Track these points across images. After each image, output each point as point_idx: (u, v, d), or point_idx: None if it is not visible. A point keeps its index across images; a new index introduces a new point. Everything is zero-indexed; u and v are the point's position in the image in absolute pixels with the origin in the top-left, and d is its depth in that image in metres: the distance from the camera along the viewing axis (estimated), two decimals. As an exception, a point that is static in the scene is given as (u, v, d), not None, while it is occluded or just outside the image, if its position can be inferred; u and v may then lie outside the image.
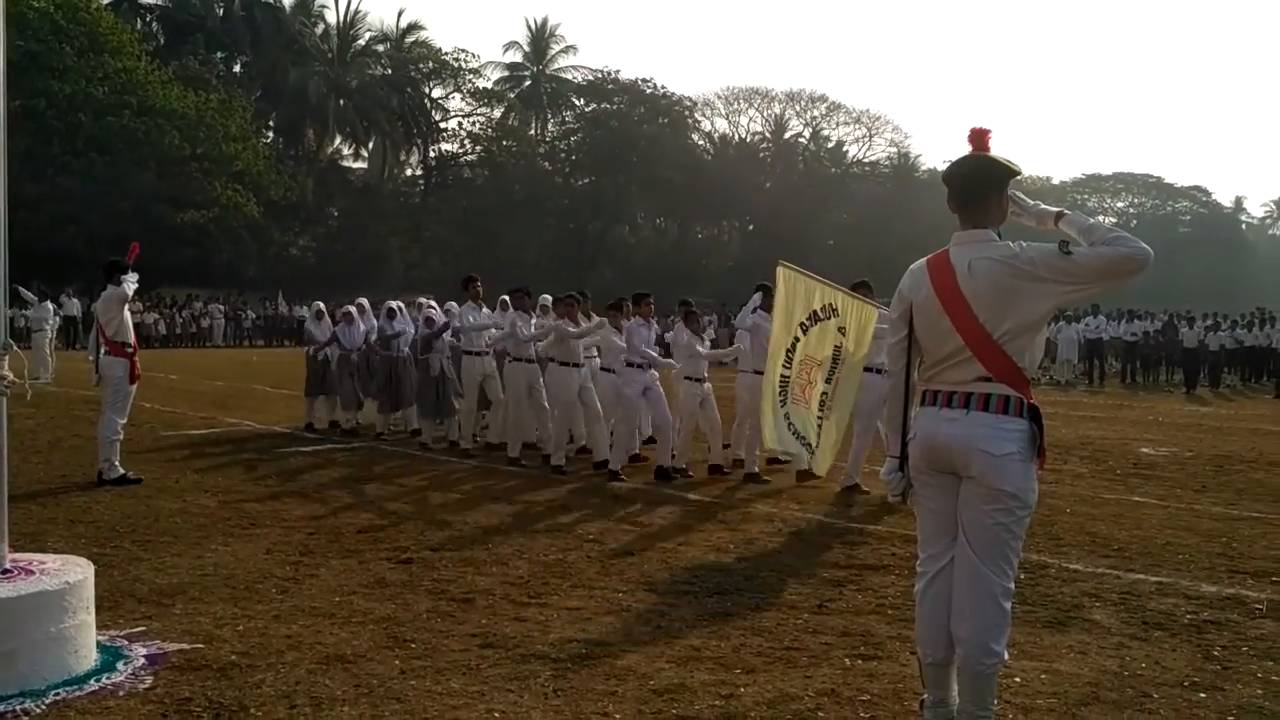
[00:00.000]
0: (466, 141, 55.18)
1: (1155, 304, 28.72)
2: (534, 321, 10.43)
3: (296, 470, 9.42)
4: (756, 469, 9.28)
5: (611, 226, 58.56)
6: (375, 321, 12.27)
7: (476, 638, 4.65)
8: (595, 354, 10.60)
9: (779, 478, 9.29)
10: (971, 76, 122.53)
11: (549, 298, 11.50)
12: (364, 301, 12.94)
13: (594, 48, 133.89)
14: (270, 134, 49.98)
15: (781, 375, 7.82)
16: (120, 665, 4.21)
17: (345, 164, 55.52)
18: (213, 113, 38.53)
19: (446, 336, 11.11)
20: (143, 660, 4.28)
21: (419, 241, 52.37)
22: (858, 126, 62.77)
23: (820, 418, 8.01)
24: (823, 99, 61.76)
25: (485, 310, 11.02)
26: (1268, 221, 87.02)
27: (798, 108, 62.34)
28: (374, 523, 7.16)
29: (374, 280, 46.84)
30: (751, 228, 61.39)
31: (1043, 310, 3.30)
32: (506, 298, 10.85)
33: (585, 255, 54.10)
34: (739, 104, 62.49)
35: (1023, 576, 5.17)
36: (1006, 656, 3.34)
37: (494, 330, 10.74)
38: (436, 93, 56.08)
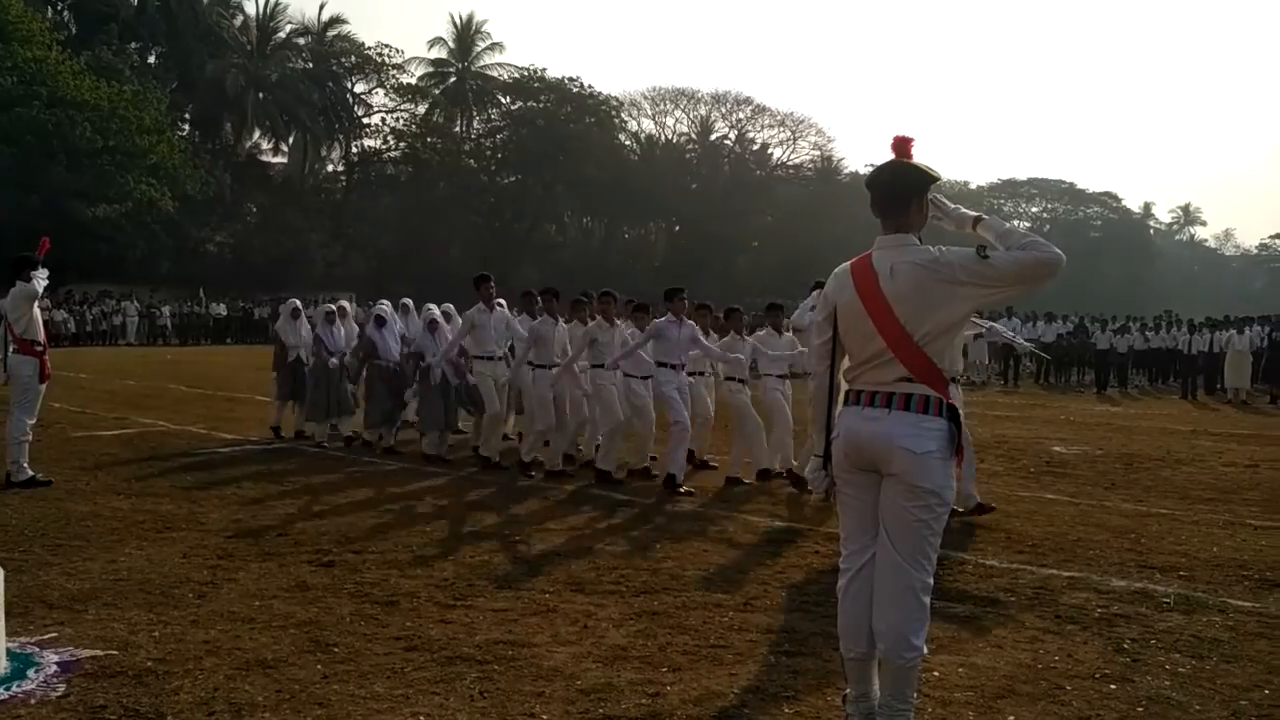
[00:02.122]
0: (390, 138, 54.49)
1: (1068, 307, 29.57)
2: (561, 325, 9.73)
3: (214, 472, 9.21)
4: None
5: (538, 226, 58.38)
6: (355, 326, 11.74)
7: (401, 640, 4.61)
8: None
9: (706, 478, 9.36)
10: (893, 83, 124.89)
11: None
12: (345, 304, 12.21)
13: (520, 46, 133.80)
14: (186, 127, 48.63)
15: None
16: (31, 673, 4.08)
17: (264, 159, 54.28)
18: (126, 104, 37.33)
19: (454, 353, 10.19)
20: (55, 667, 4.16)
21: (341, 238, 51.51)
22: (782, 129, 63.62)
23: None
24: (748, 101, 62.50)
25: (497, 313, 10.14)
26: (1174, 227, 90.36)
27: (723, 110, 62.94)
28: (294, 525, 7.04)
29: (294, 278, 46.03)
30: (678, 228, 61.77)
31: (962, 312, 3.39)
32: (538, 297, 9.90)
33: (511, 254, 53.76)
34: (665, 105, 62.87)
35: (941, 573, 5.28)
36: (926, 650, 3.42)
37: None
38: (359, 88, 55.32)
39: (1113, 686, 4.20)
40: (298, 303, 12.28)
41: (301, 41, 53.86)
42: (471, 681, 4.12)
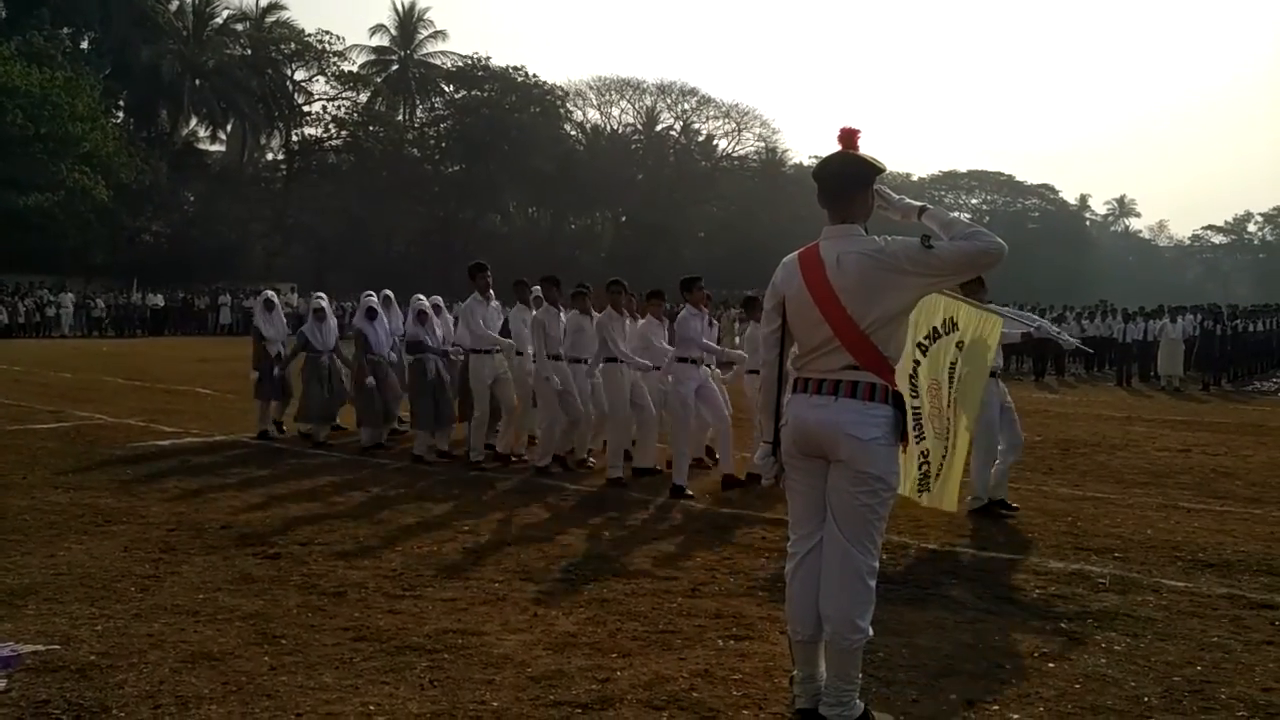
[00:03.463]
0: (331, 126, 53.81)
1: (1007, 296, 30.06)
2: (563, 316, 9.25)
3: (154, 465, 9.06)
4: None
5: (483, 215, 58.06)
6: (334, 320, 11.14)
7: (349, 631, 4.59)
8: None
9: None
10: (837, 77, 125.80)
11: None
12: (324, 297, 11.45)
13: (464, 34, 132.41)
14: (120, 114, 47.50)
15: (913, 409, 6.40)
16: (-30, 670, 4.00)
17: (202, 147, 53.31)
18: (58, 91, 36.38)
19: (450, 347, 9.91)
20: (-6, 663, 4.08)
21: (281, 229, 50.82)
22: (727, 121, 63.92)
23: (946, 447, 6.70)
24: (693, 92, 62.70)
25: (494, 304, 9.63)
26: (1109, 219, 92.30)
27: (669, 100, 63.07)
28: (238, 518, 6.95)
29: (233, 268, 45.31)
30: (624, 219, 61.82)
31: (906, 301, 3.46)
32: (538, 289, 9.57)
33: (456, 244, 53.46)
34: (611, 95, 62.87)
35: (885, 557, 5.38)
36: (871, 632, 3.49)
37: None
38: (299, 75, 54.49)
39: (1051, 665, 4.32)
40: (271, 294, 11.72)
41: (239, 27, 52.95)
42: (421, 670, 4.12)
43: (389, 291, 11.23)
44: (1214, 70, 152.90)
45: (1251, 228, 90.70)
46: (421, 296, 10.14)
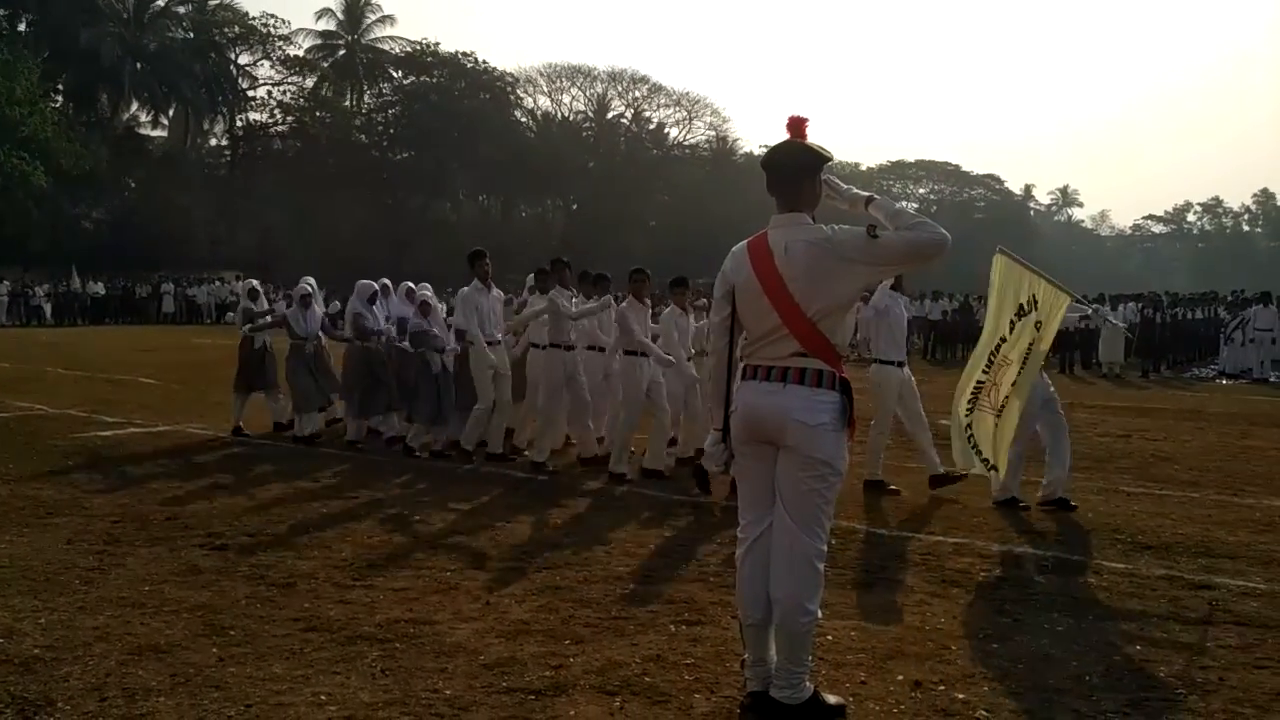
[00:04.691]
0: (277, 111, 53.04)
1: (954, 285, 30.43)
2: (575, 302, 8.93)
3: (96, 456, 8.90)
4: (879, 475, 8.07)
5: (432, 203, 57.55)
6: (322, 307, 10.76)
7: (299, 622, 4.55)
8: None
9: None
10: (787, 66, 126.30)
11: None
12: (311, 281, 10.73)
13: (412, 19, 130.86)
14: (59, 98, 46.31)
15: (978, 381, 6.58)
16: (-94, 666, 3.91)
17: (143, 132, 52.22)
18: (-6, 74, 35.49)
19: (451, 341, 9.44)
20: (-67, 659, 4.00)
21: (226, 215, 49.92)
22: (678, 109, 63.92)
23: (996, 422, 6.63)
24: (644, 80, 62.60)
25: (495, 292, 9.33)
26: (1053, 209, 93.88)
27: (620, 88, 62.90)
28: (184, 509, 6.86)
29: (177, 256, 44.47)
30: (575, 207, 61.62)
31: (853, 289, 3.51)
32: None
33: (405, 231, 52.95)
34: (562, 82, 62.55)
35: (834, 542, 5.45)
36: (820, 615, 3.54)
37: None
38: (244, 59, 53.65)
39: (995, 645, 4.41)
40: (255, 283, 11.28)
41: (182, 10, 51.85)
42: (373, 660, 4.10)
43: (386, 280, 10.76)
44: (1154, 68, 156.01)
45: (1191, 218, 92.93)
46: (427, 286, 9.82)
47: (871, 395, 8.12)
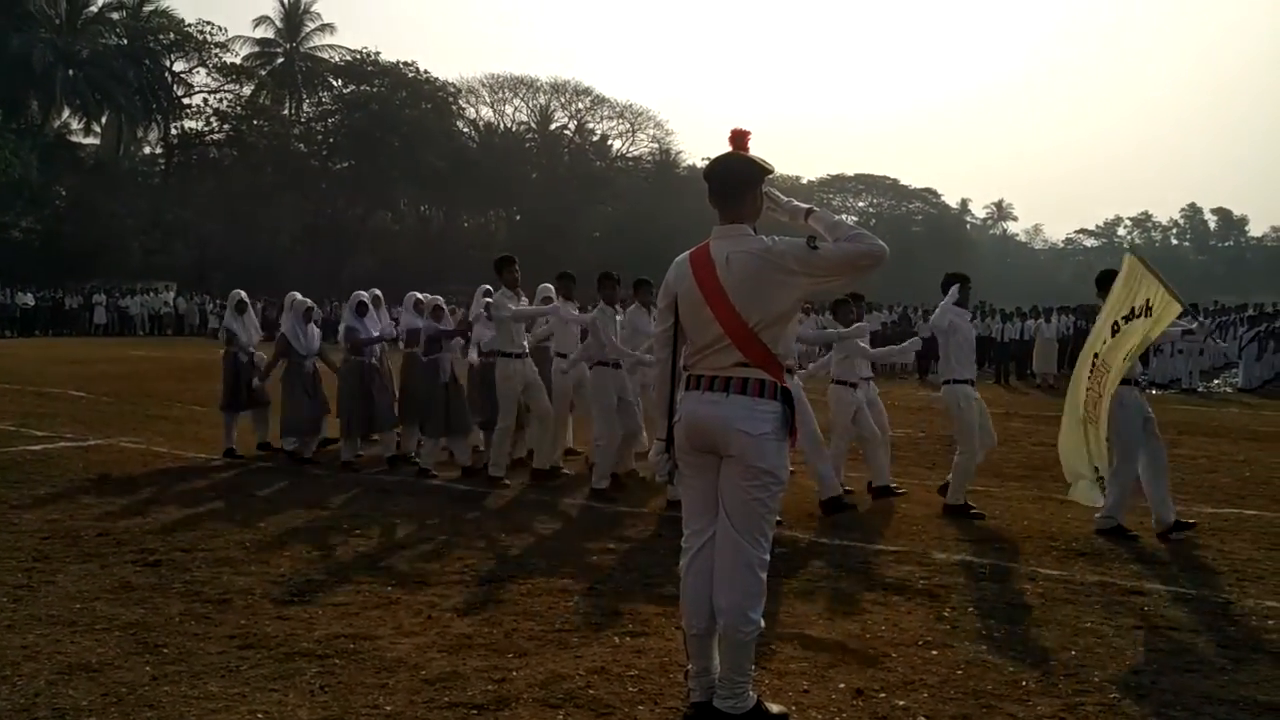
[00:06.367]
0: (213, 119, 52.09)
1: (892, 297, 30.92)
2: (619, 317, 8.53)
3: (25, 471, 8.66)
4: (963, 500, 7.57)
5: (373, 212, 57.02)
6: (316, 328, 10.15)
7: (235, 639, 4.47)
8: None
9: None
10: (730, 79, 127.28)
11: (549, 286, 9.61)
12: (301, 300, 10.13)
13: (352, 28, 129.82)
14: (-13, 105, 45.21)
15: (1087, 389, 6.29)
16: None
17: (75, 139, 50.99)
18: (-82, 79, 34.45)
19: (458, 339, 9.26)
20: None
21: (160, 225, 48.85)
22: (621, 121, 64.09)
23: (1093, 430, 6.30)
24: (587, 92, 62.69)
25: (524, 300, 8.88)
26: (989, 222, 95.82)
27: (563, 99, 62.93)
28: (116, 525, 6.70)
29: (109, 266, 43.52)
30: (519, 218, 61.40)
31: (793, 300, 3.54)
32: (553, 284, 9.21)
33: (345, 241, 52.38)
34: (504, 93, 62.44)
35: (777, 551, 5.48)
36: (763, 624, 3.56)
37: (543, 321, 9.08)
38: (179, 66, 52.69)
39: (934, 652, 4.46)
40: (243, 294, 10.35)
41: (115, 16, 50.77)
42: (312, 676, 4.04)
43: (377, 291, 10.32)
44: (1090, 86, 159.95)
45: (1121, 231, 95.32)
46: (440, 299, 9.60)
47: (947, 419, 8.02)
